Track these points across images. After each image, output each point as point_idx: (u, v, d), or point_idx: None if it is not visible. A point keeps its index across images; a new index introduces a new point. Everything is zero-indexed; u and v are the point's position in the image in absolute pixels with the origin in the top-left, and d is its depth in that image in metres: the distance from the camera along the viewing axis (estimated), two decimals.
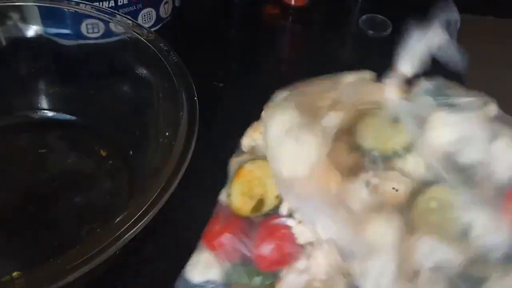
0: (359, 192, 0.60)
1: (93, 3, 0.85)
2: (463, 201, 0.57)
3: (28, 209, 0.76)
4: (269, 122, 0.63)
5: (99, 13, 0.82)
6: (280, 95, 0.69)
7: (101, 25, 0.83)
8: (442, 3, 0.63)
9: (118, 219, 0.56)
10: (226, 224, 0.64)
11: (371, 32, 1.14)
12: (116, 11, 0.83)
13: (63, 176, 0.80)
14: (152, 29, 1.01)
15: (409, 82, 0.66)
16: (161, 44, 0.77)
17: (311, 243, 0.60)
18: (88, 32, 0.85)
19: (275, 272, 0.61)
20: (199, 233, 0.68)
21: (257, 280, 0.62)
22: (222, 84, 0.99)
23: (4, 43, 0.84)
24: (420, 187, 0.61)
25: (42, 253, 0.71)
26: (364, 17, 1.18)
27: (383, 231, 0.55)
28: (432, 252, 0.55)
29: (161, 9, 1.06)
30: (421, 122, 0.62)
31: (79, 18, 0.83)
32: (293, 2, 1.22)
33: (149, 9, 1.03)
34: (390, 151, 0.64)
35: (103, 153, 0.83)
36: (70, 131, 0.86)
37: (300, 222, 0.61)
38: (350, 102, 0.65)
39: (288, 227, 0.61)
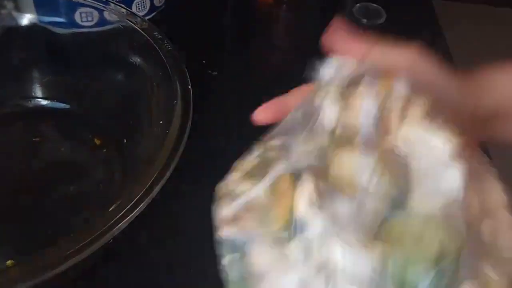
0: None
1: None
2: None
3: (22, 198, 0.76)
4: None
5: (93, 1, 0.82)
6: None
7: (95, 14, 0.83)
8: None
9: (111, 208, 0.56)
10: None
11: (365, 20, 1.14)
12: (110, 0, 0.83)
13: (57, 165, 0.80)
14: (146, 18, 1.01)
15: None
16: (155, 33, 0.77)
17: None
18: (82, 21, 0.85)
19: None
20: (194, 222, 0.68)
21: None
22: (216, 73, 0.99)
23: None
24: None
25: (36, 242, 0.71)
26: (358, 5, 1.18)
27: None
28: None
29: None
30: None
31: (73, 6, 0.83)
32: None
33: None
34: None
35: (97, 142, 0.82)
36: (64, 120, 0.86)
37: None
38: None
39: None
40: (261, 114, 0.59)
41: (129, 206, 0.56)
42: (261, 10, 1.23)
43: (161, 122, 0.69)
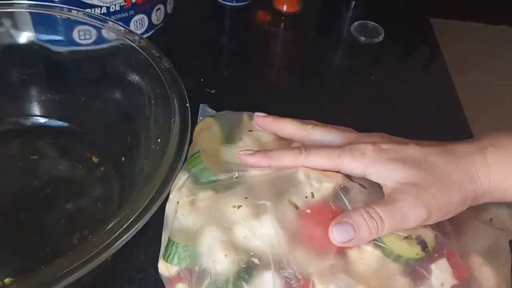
0: None
1: (85, 9, 0.85)
2: None
3: (20, 216, 0.76)
4: None
5: (91, 19, 0.82)
6: None
7: (93, 32, 0.83)
8: None
9: (109, 226, 0.56)
10: None
11: (363, 38, 1.14)
12: (108, 18, 0.83)
13: (55, 183, 0.80)
14: (144, 36, 1.01)
15: None
16: (153, 51, 0.77)
17: None
18: (80, 39, 0.85)
19: None
20: None
21: None
22: (214, 91, 0.99)
23: None
24: None
25: (34, 259, 0.71)
26: (356, 23, 1.18)
27: None
28: None
29: (153, 15, 1.06)
30: None
31: (71, 24, 0.83)
32: (285, 9, 1.22)
33: (141, 15, 1.03)
34: None
35: (95, 160, 0.82)
36: (62, 137, 0.86)
37: None
38: None
39: None
40: (260, 119, 0.69)
41: (126, 224, 0.56)
42: (259, 28, 1.23)
43: (159, 140, 0.69)
